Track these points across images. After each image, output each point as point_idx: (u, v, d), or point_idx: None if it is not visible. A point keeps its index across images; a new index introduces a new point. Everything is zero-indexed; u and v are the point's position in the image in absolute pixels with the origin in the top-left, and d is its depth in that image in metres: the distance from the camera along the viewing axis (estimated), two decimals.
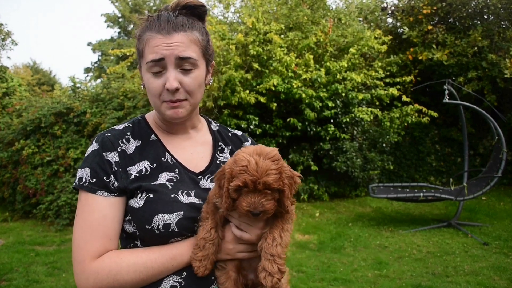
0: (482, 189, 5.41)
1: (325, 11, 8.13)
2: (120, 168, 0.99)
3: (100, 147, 1.01)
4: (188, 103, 1.02)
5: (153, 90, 1.00)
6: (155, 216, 0.94)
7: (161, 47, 0.97)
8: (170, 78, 0.97)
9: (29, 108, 7.16)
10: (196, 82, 1.01)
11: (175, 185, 1.00)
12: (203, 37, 1.04)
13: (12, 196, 6.68)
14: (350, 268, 4.15)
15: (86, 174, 0.98)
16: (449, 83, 5.82)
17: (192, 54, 0.99)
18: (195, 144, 1.12)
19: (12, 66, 23.26)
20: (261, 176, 0.86)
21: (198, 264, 0.93)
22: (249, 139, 1.23)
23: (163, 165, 1.03)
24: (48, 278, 4.03)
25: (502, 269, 4.03)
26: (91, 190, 0.97)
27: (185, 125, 1.11)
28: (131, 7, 27.17)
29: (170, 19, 1.00)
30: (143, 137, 1.07)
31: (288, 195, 0.90)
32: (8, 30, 12.65)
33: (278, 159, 0.90)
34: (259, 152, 0.89)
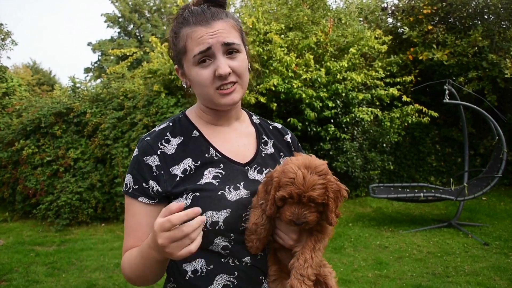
0: (483, 189, 5.40)
1: (325, 11, 8.12)
2: (162, 170, 1.01)
3: (140, 152, 1.03)
4: (240, 86, 1.04)
5: (205, 81, 1.00)
6: (203, 214, 0.95)
7: (206, 37, 0.98)
8: (221, 65, 0.98)
9: (29, 108, 7.16)
10: (244, 65, 1.03)
11: (222, 181, 1.01)
12: (237, 22, 1.06)
13: (12, 196, 6.67)
14: (350, 268, 4.14)
15: (130, 181, 1.03)
16: (450, 83, 5.82)
17: (235, 40, 1.01)
18: (240, 136, 1.12)
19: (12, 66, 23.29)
20: (307, 190, 0.89)
21: (251, 244, 0.97)
22: (289, 132, 1.24)
23: (207, 161, 1.03)
24: (48, 278, 4.03)
25: (503, 269, 4.03)
26: (134, 196, 1.02)
27: (230, 116, 1.11)
28: (131, 7, 27.16)
29: (205, 10, 1.01)
30: (185, 134, 1.07)
31: (333, 209, 0.92)
32: (8, 30, 12.66)
33: (326, 173, 0.92)
34: (308, 165, 0.91)
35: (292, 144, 1.21)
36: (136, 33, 27.37)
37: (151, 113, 6.11)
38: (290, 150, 1.19)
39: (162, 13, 27.88)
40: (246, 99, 6.02)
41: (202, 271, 0.99)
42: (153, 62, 6.93)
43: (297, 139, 1.26)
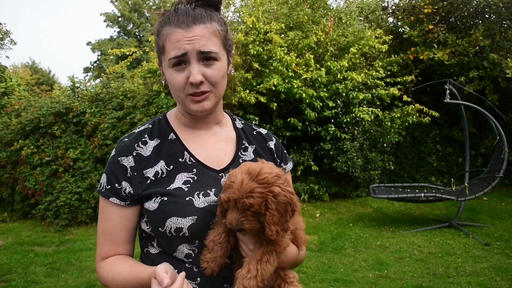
0: (484, 189, 5.38)
1: (326, 10, 8.10)
2: (136, 172, 1.01)
3: (116, 153, 1.04)
4: (213, 94, 1.01)
5: (177, 84, 0.99)
6: (168, 219, 0.95)
7: (182, 42, 0.96)
8: (193, 72, 0.96)
9: (28, 108, 7.13)
10: (220, 74, 1.00)
11: (192, 187, 0.99)
12: (222, 27, 1.02)
13: (11, 196, 6.65)
14: (351, 269, 4.13)
15: (104, 180, 1.04)
16: (450, 82, 5.80)
17: (213, 48, 0.98)
18: (218, 140, 1.10)
19: (11, 65, 23.27)
20: (242, 196, 0.86)
21: (206, 265, 0.95)
22: (274, 138, 1.20)
23: (180, 166, 1.02)
24: (47, 278, 4.01)
25: (504, 270, 4.01)
26: (106, 196, 1.02)
27: (208, 120, 1.09)
28: (131, 7, 27.14)
29: (189, 12, 0.98)
30: (162, 136, 1.06)
31: (273, 221, 0.86)
32: (6, 30, 12.61)
33: (269, 182, 0.87)
34: (251, 171, 0.88)
35: (276, 151, 1.17)
36: (135, 33, 27.35)
37: (151, 113, 6.09)
38: (273, 157, 1.16)
39: None
40: (246, 99, 6.00)
41: None
42: (152, 62, 6.91)
43: (282, 147, 1.21)
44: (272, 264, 0.91)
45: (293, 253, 1.01)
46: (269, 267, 0.90)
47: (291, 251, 1.00)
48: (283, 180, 0.90)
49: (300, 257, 1.07)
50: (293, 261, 1.03)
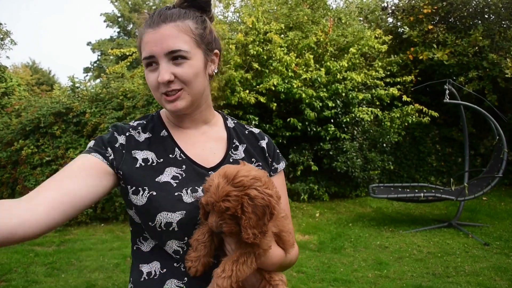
0: (483, 189, 5.39)
1: (325, 10, 8.11)
2: (124, 150, 0.98)
3: (112, 128, 1.02)
4: (186, 93, 0.99)
5: (151, 84, 0.99)
6: (158, 214, 0.94)
7: (150, 44, 0.96)
8: (161, 71, 0.95)
9: (28, 108, 7.14)
10: (191, 72, 0.97)
11: (180, 183, 0.98)
12: (197, 25, 1.00)
13: (11, 196, 6.66)
14: (351, 269, 4.13)
15: (92, 143, 0.99)
16: (450, 83, 5.80)
17: (182, 46, 0.96)
18: (207, 140, 1.09)
19: (11, 65, 23.28)
20: (218, 200, 0.85)
21: (190, 264, 0.94)
22: (266, 138, 1.17)
23: (170, 160, 1.01)
24: (47, 278, 4.02)
25: (503, 270, 4.02)
26: (87, 152, 0.96)
27: (195, 119, 1.08)
28: (131, 7, 27.15)
29: (161, 11, 0.98)
30: (154, 132, 1.06)
31: (249, 225, 0.85)
32: (7, 30, 12.63)
33: (245, 185, 0.86)
34: (228, 174, 0.88)
35: (267, 150, 1.15)
36: (135, 33, 27.35)
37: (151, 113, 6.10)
38: (264, 156, 1.14)
39: None
40: (246, 99, 6.01)
41: (155, 274, 0.98)
42: None
43: (275, 146, 1.18)
44: (250, 266, 0.90)
45: (277, 256, 0.99)
46: (245, 268, 0.89)
47: (275, 254, 0.97)
48: (263, 182, 0.88)
49: (288, 260, 1.04)
50: (278, 264, 1.00)
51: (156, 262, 0.98)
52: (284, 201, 1.11)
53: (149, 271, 0.98)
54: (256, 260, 0.91)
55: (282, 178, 1.15)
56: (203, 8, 1.03)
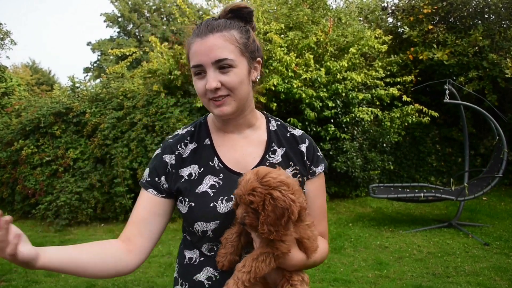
0: (483, 189, 5.39)
1: (325, 10, 8.11)
2: (174, 169, 1.12)
3: (161, 151, 1.14)
4: (232, 99, 1.06)
5: (199, 91, 1.08)
6: (195, 223, 1.07)
7: (198, 54, 1.04)
8: (209, 79, 1.04)
9: (28, 108, 7.14)
10: (236, 79, 1.04)
11: (217, 192, 1.08)
12: (241, 35, 1.08)
13: (11, 196, 6.66)
14: (351, 269, 4.14)
15: (146, 173, 1.14)
16: (450, 83, 5.80)
17: (228, 55, 1.03)
18: (248, 144, 1.16)
19: (11, 65, 23.28)
20: (245, 193, 0.95)
21: (218, 259, 1.07)
22: (307, 141, 1.21)
23: (209, 169, 1.11)
24: (47, 278, 4.02)
25: (503, 270, 4.02)
26: (145, 187, 1.12)
27: (239, 123, 1.15)
28: (131, 7, 27.14)
29: (208, 22, 1.06)
30: (199, 141, 1.16)
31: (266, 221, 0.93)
32: (7, 30, 12.64)
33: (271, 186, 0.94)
34: (259, 174, 0.97)
35: (307, 153, 1.19)
36: (135, 33, 27.35)
37: (151, 113, 6.10)
38: (303, 160, 1.18)
39: (162, 12, 27.86)
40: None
41: (195, 260, 1.12)
42: (152, 62, 6.92)
43: (315, 149, 1.21)
44: (268, 265, 0.98)
45: (298, 259, 1.05)
46: (264, 266, 0.97)
47: (296, 257, 1.04)
48: (289, 188, 0.96)
49: (311, 262, 1.10)
50: (298, 265, 1.07)
51: (197, 251, 1.12)
52: (321, 203, 1.19)
53: (191, 257, 1.13)
54: (275, 261, 0.99)
55: (320, 181, 1.20)
56: (246, 19, 1.12)
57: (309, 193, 1.16)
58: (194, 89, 4.84)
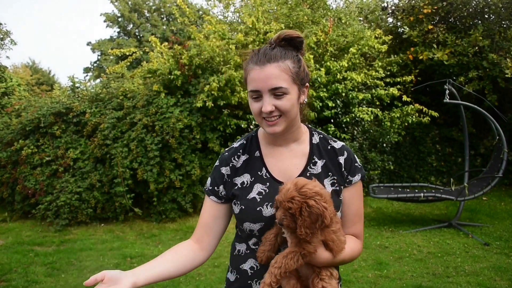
0: (483, 189, 5.39)
1: (325, 10, 8.12)
2: (230, 179, 1.32)
3: (219, 163, 1.35)
4: (283, 119, 1.23)
5: (255, 111, 1.24)
6: (244, 222, 1.28)
7: (257, 81, 1.20)
8: (265, 104, 1.20)
9: (28, 108, 7.13)
10: (288, 104, 1.21)
11: (263, 198, 1.27)
12: (294, 64, 1.24)
13: (11, 196, 6.66)
14: (350, 269, 4.14)
15: (209, 182, 1.36)
16: (450, 83, 5.80)
17: (283, 84, 1.19)
18: (294, 156, 1.33)
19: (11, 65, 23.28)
20: (284, 200, 1.13)
21: (258, 254, 1.26)
22: (345, 153, 1.34)
23: (258, 178, 1.30)
24: (47, 278, 4.02)
25: (503, 270, 4.02)
26: (208, 194, 1.35)
27: (286, 138, 1.32)
28: (131, 7, 27.13)
29: (266, 51, 1.22)
30: (250, 153, 1.35)
31: (303, 225, 1.11)
32: (7, 30, 12.63)
33: (307, 196, 1.12)
34: (298, 184, 1.14)
35: (345, 165, 1.32)
36: (135, 33, 27.34)
37: (151, 113, 6.09)
38: (341, 171, 1.32)
39: (162, 12, 27.86)
40: (246, 99, 6.00)
41: (242, 252, 1.32)
42: (152, 62, 6.92)
43: (354, 159, 1.34)
44: (296, 262, 1.15)
45: (324, 258, 1.20)
46: (292, 263, 1.14)
47: (322, 256, 1.20)
48: (323, 198, 1.13)
49: (339, 260, 1.24)
50: (325, 263, 1.22)
51: (244, 244, 1.33)
52: (357, 208, 1.33)
53: (239, 249, 1.34)
54: (302, 259, 1.16)
55: (356, 189, 1.33)
56: (298, 47, 1.28)
57: (346, 199, 1.31)
58: (194, 89, 4.90)
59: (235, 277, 1.34)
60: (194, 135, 6.10)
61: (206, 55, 6.20)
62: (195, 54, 6.19)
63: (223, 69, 6.04)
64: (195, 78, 6.36)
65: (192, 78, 6.36)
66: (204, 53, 6.20)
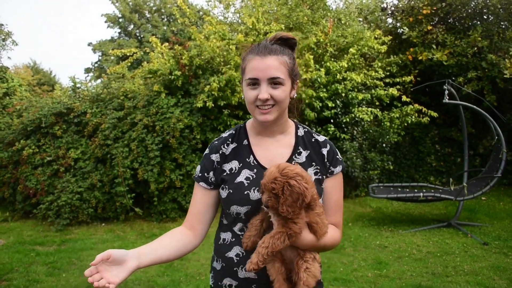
0: (482, 189, 5.41)
1: (325, 11, 8.14)
2: (219, 165, 1.38)
3: (209, 151, 1.41)
4: (276, 109, 1.31)
5: (250, 98, 1.31)
6: (231, 206, 1.32)
7: (257, 70, 1.28)
8: (262, 91, 1.28)
9: (30, 108, 7.15)
10: (283, 95, 1.30)
11: (251, 183, 1.32)
12: (290, 61, 1.33)
13: (13, 196, 6.67)
14: (350, 268, 4.16)
15: (198, 169, 1.42)
16: (449, 83, 5.83)
17: (280, 75, 1.29)
18: (280, 146, 1.41)
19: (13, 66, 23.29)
20: (268, 182, 1.19)
21: (244, 240, 1.30)
22: (328, 145, 1.44)
23: (246, 164, 1.37)
24: (49, 278, 4.04)
25: (502, 269, 4.04)
26: (197, 180, 1.41)
27: (274, 130, 1.40)
28: (131, 7, 27.16)
29: (267, 45, 1.32)
30: (239, 141, 1.42)
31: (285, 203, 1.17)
32: (8, 31, 12.66)
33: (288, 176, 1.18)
34: (280, 167, 1.21)
35: (327, 156, 1.42)
36: (136, 34, 27.37)
37: (151, 113, 6.12)
38: (323, 162, 1.41)
39: (162, 13, 27.88)
40: None
41: (227, 241, 1.37)
42: (153, 62, 6.94)
43: (335, 152, 1.44)
44: (282, 242, 1.19)
45: (308, 240, 1.27)
46: (279, 243, 1.19)
47: (306, 238, 1.26)
48: (303, 179, 1.19)
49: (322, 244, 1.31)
50: (309, 245, 1.28)
51: (229, 233, 1.37)
52: (337, 197, 1.42)
53: (224, 238, 1.39)
54: (289, 239, 1.21)
55: (337, 179, 1.43)
56: (292, 47, 1.37)
57: (327, 189, 1.39)
58: (194, 89, 4.93)
59: (221, 265, 1.38)
60: (195, 135, 6.12)
61: (207, 56, 6.23)
62: (195, 54, 6.21)
63: (223, 70, 6.07)
64: (195, 78, 6.39)
65: (192, 79, 6.38)
66: (205, 54, 6.23)
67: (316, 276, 1.27)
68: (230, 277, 1.36)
